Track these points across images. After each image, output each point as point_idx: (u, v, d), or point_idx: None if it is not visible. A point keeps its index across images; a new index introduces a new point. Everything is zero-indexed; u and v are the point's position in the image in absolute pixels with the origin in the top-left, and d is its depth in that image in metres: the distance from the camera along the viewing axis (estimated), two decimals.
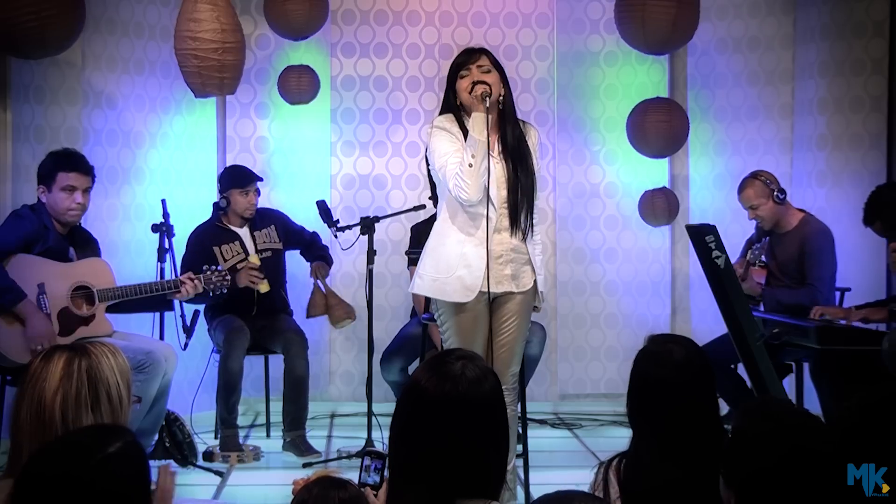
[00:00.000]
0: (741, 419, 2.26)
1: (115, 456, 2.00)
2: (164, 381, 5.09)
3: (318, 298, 6.18)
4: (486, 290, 4.28)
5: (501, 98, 4.35)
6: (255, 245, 6.11)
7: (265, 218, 6.20)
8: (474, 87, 4.28)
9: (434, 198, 4.57)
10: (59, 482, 1.96)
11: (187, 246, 6.04)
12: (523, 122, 4.49)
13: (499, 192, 4.30)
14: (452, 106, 4.39)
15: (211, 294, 5.50)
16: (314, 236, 6.36)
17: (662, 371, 2.80)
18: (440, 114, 4.46)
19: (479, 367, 2.17)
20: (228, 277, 5.45)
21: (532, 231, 4.40)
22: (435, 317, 4.46)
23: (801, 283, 5.65)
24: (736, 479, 2.20)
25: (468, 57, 4.39)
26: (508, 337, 4.39)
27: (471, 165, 4.19)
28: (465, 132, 4.31)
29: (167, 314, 5.51)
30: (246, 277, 5.87)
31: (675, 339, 2.97)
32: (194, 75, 5.54)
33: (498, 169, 4.30)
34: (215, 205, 6.17)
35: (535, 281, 4.42)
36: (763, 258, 5.64)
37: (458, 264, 4.30)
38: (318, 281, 6.20)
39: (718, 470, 2.26)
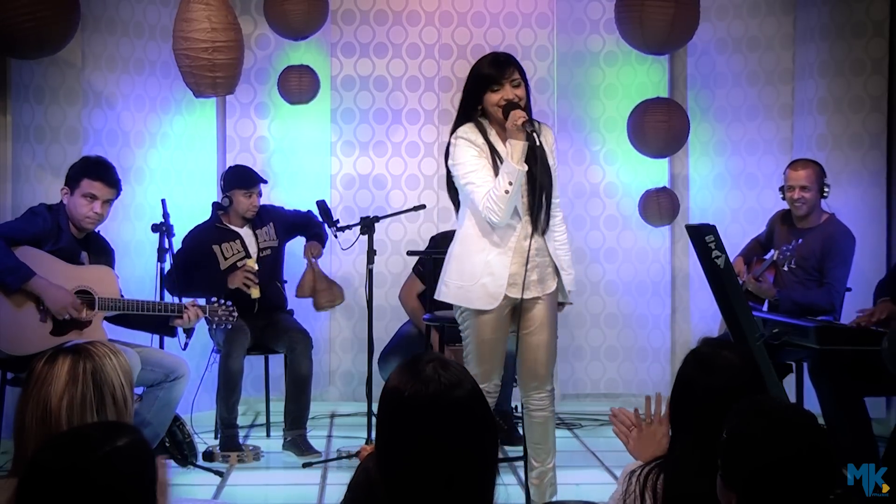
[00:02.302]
0: (735, 419, 2.23)
1: (122, 451, 2.00)
2: (169, 408, 5.08)
3: (307, 280, 6.14)
4: (513, 295, 4.33)
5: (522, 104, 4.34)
6: (258, 244, 6.10)
7: (263, 216, 6.19)
8: (511, 112, 4.25)
9: (455, 202, 4.51)
10: (65, 474, 1.96)
11: (183, 243, 5.99)
12: (539, 122, 4.48)
13: (521, 199, 4.33)
14: (473, 116, 4.38)
15: (214, 327, 5.49)
16: (308, 215, 6.32)
17: (709, 378, 2.65)
18: (457, 120, 4.43)
19: (453, 367, 2.16)
20: (235, 314, 5.43)
21: (548, 224, 4.41)
22: (456, 317, 4.46)
23: (818, 280, 5.63)
24: (735, 480, 2.19)
25: (500, 71, 4.33)
26: (539, 340, 4.43)
27: (507, 192, 4.21)
28: (489, 142, 4.33)
29: None
30: (240, 280, 5.86)
31: (728, 345, 2.87)
32: (188, 75, 5.55)
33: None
34: (215, 204, 6.16)
35: (558, 281, 4.48)
36: (781, 257, 5.57)
37: (482, 272, 4.33)
38: (311, 261, 6.17)
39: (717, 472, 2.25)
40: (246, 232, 6.11)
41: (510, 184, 4.20)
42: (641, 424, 3.11)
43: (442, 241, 6.36)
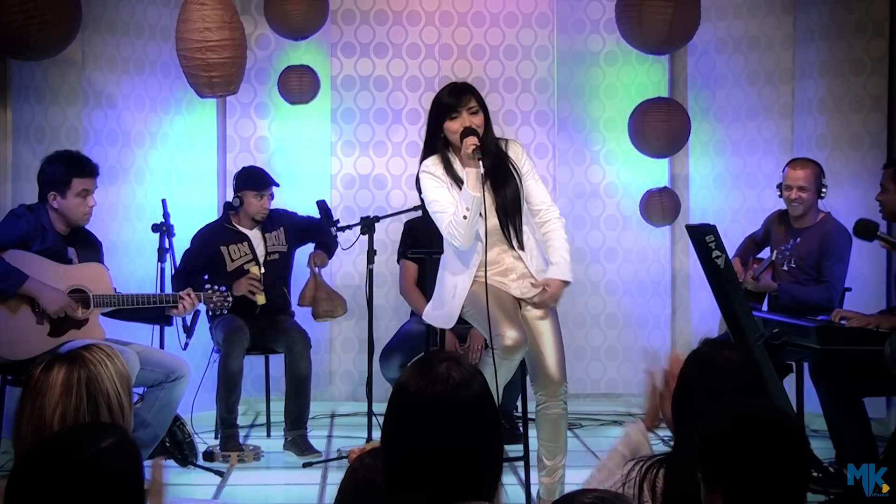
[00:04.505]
0: (708, 423, 2.25)
1: (108, 451, 2.02)
2: (170, 409, 5.08)
3: (309, 289, 6.13)
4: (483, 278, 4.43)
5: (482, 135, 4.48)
6: (266, 247, 6.10)
7: (274, 220, 6.18)
8: (464, 141, 4.38)
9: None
10: (52, 476, 1.97)
11: (191, 242, 6.05)
12: (505, 140, 4.64)
13: (490, 221, 4.43)
14: (438, 146, 4.54)
15: (210, 313, 5.48)
16: (320, 223, 6.30)
17: (709, 378, 2.70)
18: (424, 150, 4.60)
19: (466, 367, 2.17)
20: (230, 298, 5.42)
21: (520, 237, 4.53)
22: (467, 317, 4.57)
23: (816, 279, 5.64)
24: (717, 483, 2.19)
25: (457, 99, 4.47)
26: (544, 345, 4.52)
27: (465, 217, 4.36)
28: (451, 171, 4.49)
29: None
30: (245, 287, 5.86)
31: (730, 345, 2.91)
32: (187, 75, 5.56)
33: (487, 200, 4.42)
34: (227, 204, 6.17)
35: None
36: (780, 257, 5.58)
37: (449, 296, 4.54)
38: (314, 270, 6.17)
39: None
40: (254, 234, 6.11)
41: (467, 209, 4.36)
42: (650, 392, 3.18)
43: (418, 229, 6.36)
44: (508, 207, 4.49)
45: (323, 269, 6.24)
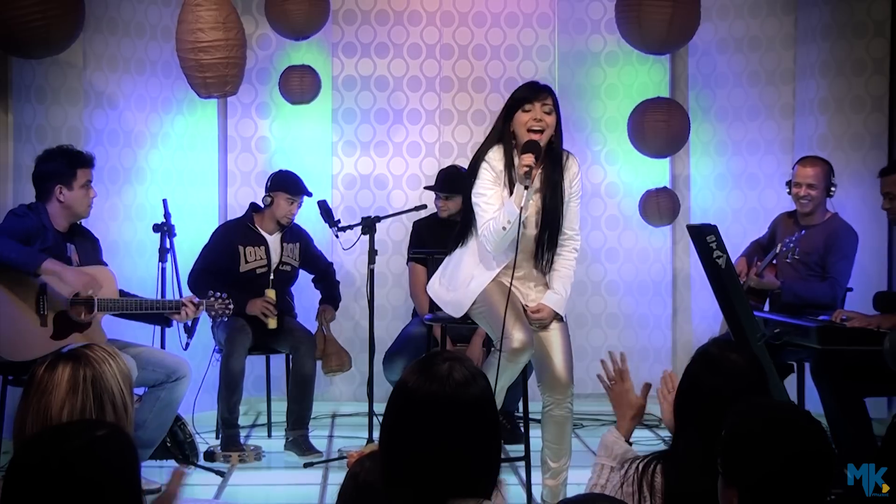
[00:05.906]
0: (735, 418, 2.26)
1: (101, 441, 2.03)
2: (171, 409, 5.08)
3: (318, 343, 6.18)
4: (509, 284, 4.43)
5: (552, 139, 4.49)
6: (281, 256, 6.10)
7: (294, 233, 6.21)
8: (521, 155, 4.36)
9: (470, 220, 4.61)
10: (45, 466, 1.98)
11: (211, 237, 6.10)
12: (567, 153, 4.62)
13: (526, 231, 4.45)
14: (504, 135, 4.49)
15: (212, 321, 5.48)
16: (329, 268, 6.35)
17: (715, 379, 2.73)
18: (487, 140, 4.56)
19: (468, 368, 2.18)
20: (232, 306, 5.42)
21: (551, 262, 4.58)
22: (472, 313, 4.58)
23: (820, 276, 5.64)
24: (737, 478, 2.20)
25: (535, 93, 4.47)
26: (553, 348, 4.62)
27: (504, 229, 4.37)
28: (510, 169, 4.45)
29: None
30: (259, 308, 5.88)
31: (736, 347, 2.94)
32: (185, 76, 5.56)
33: (534, 203, 4.45)
34: (253, 204, 6.19)
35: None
36: (783, 249, 5.58)
37: (461, 284, 4.53)
38: (322, 326, 6.19)
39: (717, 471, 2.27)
40: (273, 240, 6.11)
41: (508, 222, 4.36)
42: (610, 385, 3.24)
43: (425, 228, 6.37)
44: (547, 224, 4.51)
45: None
